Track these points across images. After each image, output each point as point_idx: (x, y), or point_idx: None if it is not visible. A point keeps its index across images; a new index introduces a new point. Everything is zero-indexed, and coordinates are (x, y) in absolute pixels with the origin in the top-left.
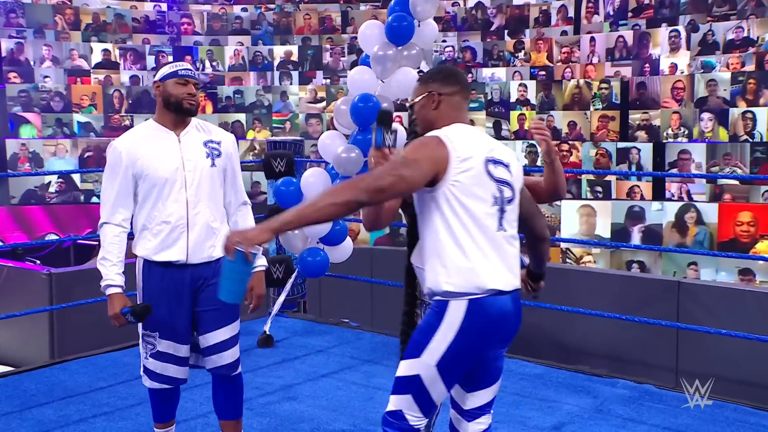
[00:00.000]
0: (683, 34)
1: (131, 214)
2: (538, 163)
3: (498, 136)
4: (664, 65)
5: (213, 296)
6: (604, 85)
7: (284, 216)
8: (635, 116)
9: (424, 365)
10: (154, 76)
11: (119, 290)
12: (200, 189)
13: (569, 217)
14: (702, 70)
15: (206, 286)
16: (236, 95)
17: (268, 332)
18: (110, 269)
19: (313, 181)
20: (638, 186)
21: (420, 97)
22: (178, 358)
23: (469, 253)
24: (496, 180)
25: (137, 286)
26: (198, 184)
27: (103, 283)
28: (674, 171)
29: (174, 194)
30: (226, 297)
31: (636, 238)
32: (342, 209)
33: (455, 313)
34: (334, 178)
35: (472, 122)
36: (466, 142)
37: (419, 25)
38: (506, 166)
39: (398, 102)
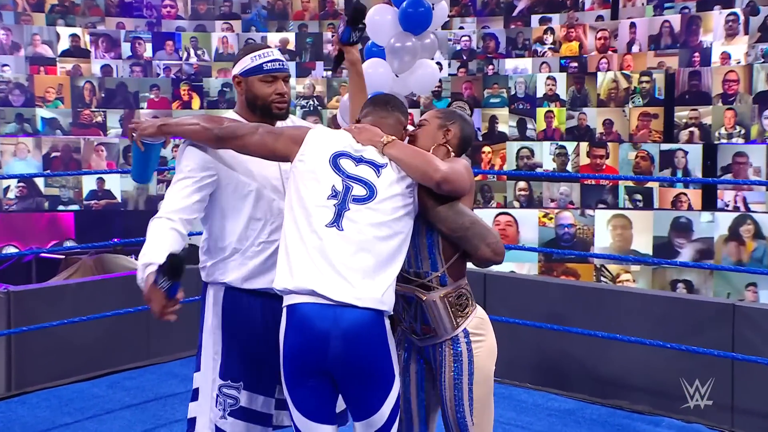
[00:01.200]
0: (741, 17)
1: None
2: (569, 168)
3: (522, 136)
4: (717, 54)
5: None
6: (645, 78)
7: (174, 121)
8: (682, 114)
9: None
10: (233, 72)
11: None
12: None
13: (604, 229)
14: (762, 60)
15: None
16: (225, 89)
17: None
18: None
19: None
20: (685, 194)
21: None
22: (265, 416)
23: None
24: (346, 176)
25: (207, 326)
26: None
27: (141, 264)
28: (728, 177)
29: (274, 211)
30: (132, 176)
31: (683, 254)
32: (201, 132)
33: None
34: None
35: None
36: (321, 136)
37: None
38: (375, 165)
39: (413, 98)
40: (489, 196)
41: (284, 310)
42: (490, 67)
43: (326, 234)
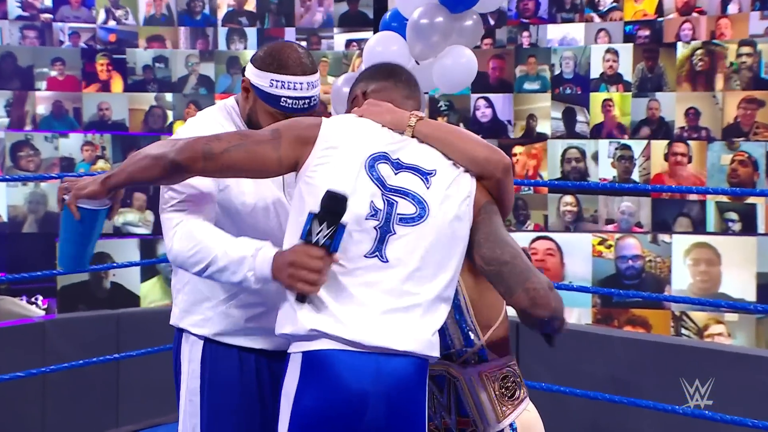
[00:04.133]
0: None
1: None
2: (635, 176)
3: (570, 132)
4: None
5: None
6: (746, 50)
7: (116, 171)
8: None
9: None
10: (247, 68)
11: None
12: None
13: (684, 261)
14: None
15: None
16: (157, 64)
17: None
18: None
19: None
20: None
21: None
22: None
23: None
24: (387, 188)
25: (186, 387)
26: None
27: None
28: None
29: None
30: (60, 262)
31: None
32: (155, 167)
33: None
34: None
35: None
36: (345, 130)
37: None
38: (421, 172)
39: (438, 100)
40: (523, 214)
41: (295, 359)
42: (526, 35)
43: (365, 265)
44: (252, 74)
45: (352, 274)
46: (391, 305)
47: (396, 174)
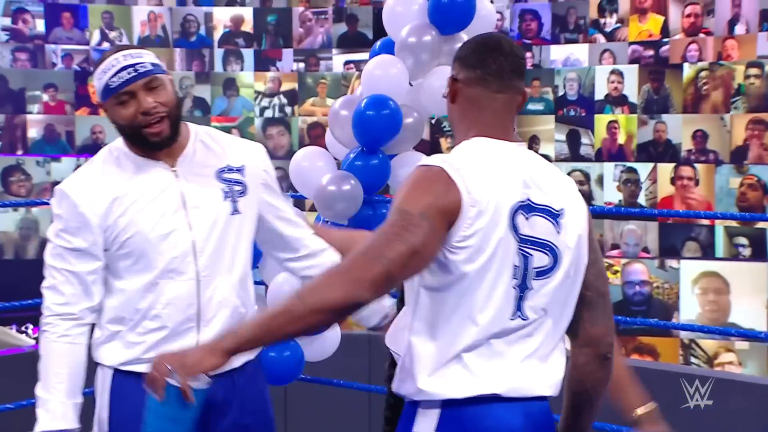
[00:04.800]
0: None
1: (99, 300)
2: (641, 200)
3: (574, 154)
4: None
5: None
6: (754, 71)
7: (244, 329)
8: None
9: None
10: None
11: None
12: (218, 256)
13: (693, 288)
14: None
15: (223, 413)
16: None
17: None
18: (57, 399)
19: None
20: None
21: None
22: None
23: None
24: (521, 239)
25: (98, 417)
26: (215, 246)
27: (40, 428)
28: None
29: (176, 268)
30: None
31: None
32: (330, 316)
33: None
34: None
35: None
36: (484, 176)
37: None
38: (551, 214)
39: (441, 121)
40: None
41: (428, 412)
42: (529, 56)
43: (509, 327)
44: (97, 93)
45: (497, 336)
46: (528, 353)
47: (527, 219)
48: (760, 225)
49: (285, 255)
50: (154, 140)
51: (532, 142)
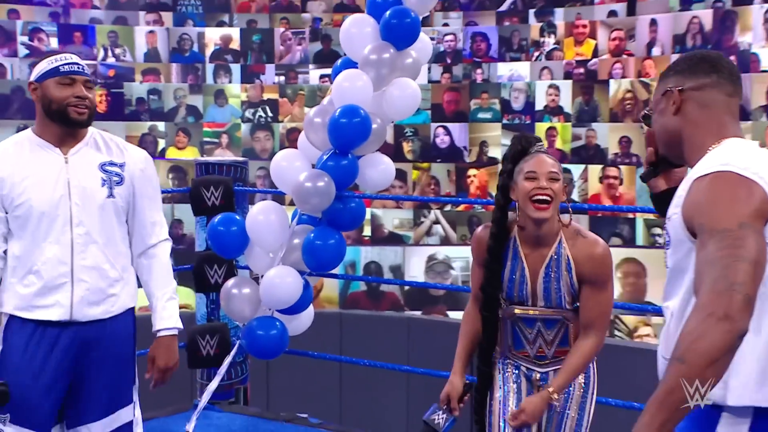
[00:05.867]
0: None
1: (3, 249)
2: (575, 196)
3: None
4: (757, 59)
5: (100, 372)
6: None
7: (649, 418)
8: None
9: None
10: (30, 72)
11: None
12: (92, 227)
13: (618, 271)
14: None
15: (94, 352)
16: (151, 96)
17: None
18: None
19: (263, 220)
20: None
21: (656, 101)
22: None
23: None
24: None
25: None
26: (89, 220)
27: None
28: None
29: (55, 234)
30: None
31: None
32: (724, 362)
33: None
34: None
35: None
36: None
37: None
38: None
39: (404, 127)
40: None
41: (756, 427)
42: (479, 72)
43: None
44: (32, 75)
45: None
46: None
47: None
48: None
49: (138, 245)
50: (75, 118)
51: (483, 146)
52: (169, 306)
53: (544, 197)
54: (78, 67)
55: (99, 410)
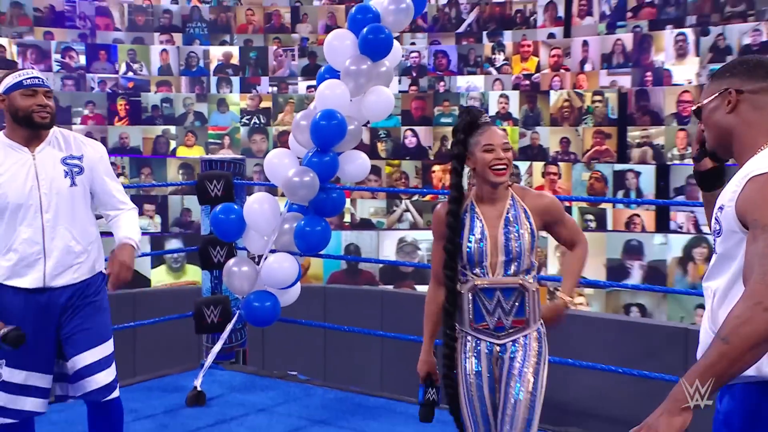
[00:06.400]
0: (691, 37)
1: None
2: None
3: None
4: (671, 74)
5: (78, 318)
6: (597, 97)
7: (698, 374)
8: (634, 134)
9: None
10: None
11: None
12: (59, 212)
13: (554, 254)
14: None
15: (70, 308)
16: (164, 104)
17: (199, 388)
18: None
19: (258, 208)
20: (639, 216)
21: (710, 98)
22: (35, 389)
23: None
24: None
25: None
26: (56, 206)
27: None
28: (681, 198)
29: (28, 219)
30: None
31: (636, 276)
32: (765, 346)
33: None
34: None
35: None
36: None
37: None
38: None
39: (378, 130)
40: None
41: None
42: (441, 84)
43: None
44: (1, 89)
45: None
46: None
47: None
48: (602, 206)
49: (107, 212)
50: (39, 122)
51: (443, 144)
52: (131, 232)
53: (502, 166)
54: (39, 80)
55: (85, 343)
